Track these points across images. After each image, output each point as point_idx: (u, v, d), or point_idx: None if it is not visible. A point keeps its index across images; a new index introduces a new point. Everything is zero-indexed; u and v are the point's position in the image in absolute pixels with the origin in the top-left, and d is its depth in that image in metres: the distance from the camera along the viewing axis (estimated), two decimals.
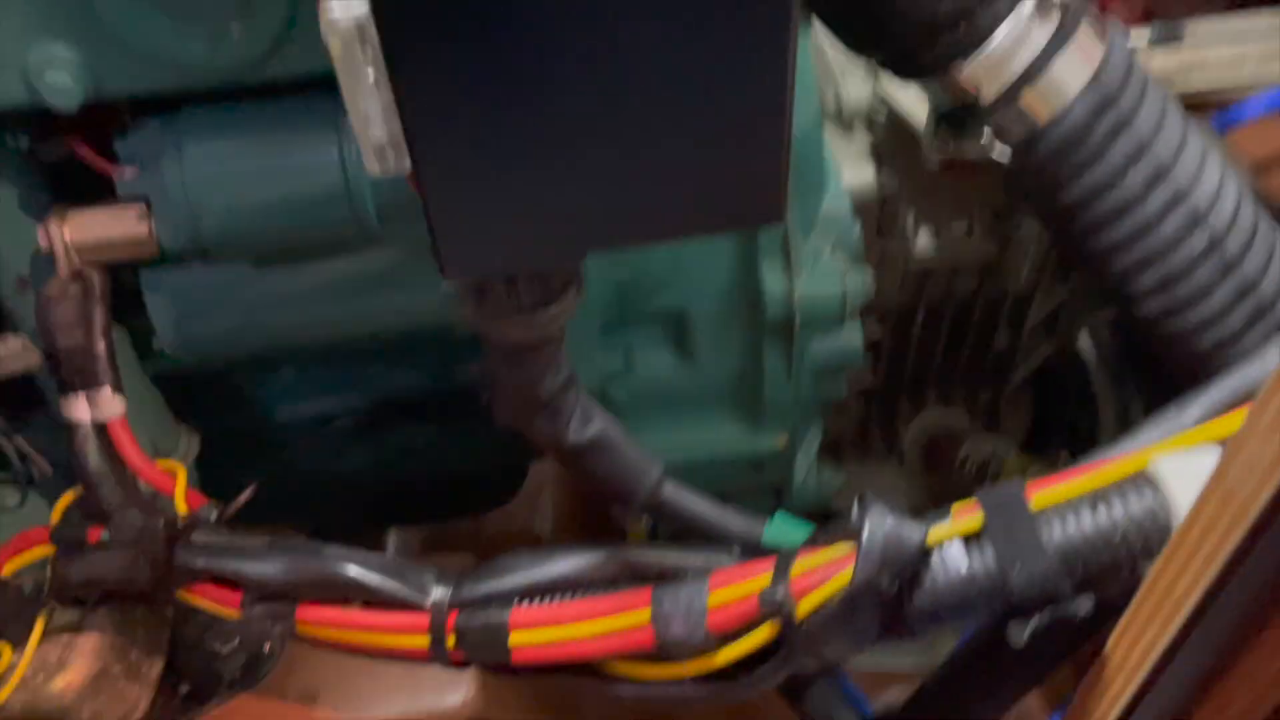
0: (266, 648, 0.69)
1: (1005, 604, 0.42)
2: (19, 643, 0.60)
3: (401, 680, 0.69)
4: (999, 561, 0.42)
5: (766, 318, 0.65)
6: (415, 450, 0.88)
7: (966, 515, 0.44)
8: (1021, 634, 0.41)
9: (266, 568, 0.52)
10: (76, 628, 0.63)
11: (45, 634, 0.62)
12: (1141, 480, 0.42)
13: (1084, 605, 0.41)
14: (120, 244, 0.57)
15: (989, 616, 0.43)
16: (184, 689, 0.68)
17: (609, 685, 0.51)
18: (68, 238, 0.56)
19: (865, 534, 0.43)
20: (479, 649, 0.51)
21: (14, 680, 0.58)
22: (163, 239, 0.58)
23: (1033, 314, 0.92)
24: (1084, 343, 1.11)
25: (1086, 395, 1.01)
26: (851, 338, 0.69)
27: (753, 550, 0.51)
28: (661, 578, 0.49)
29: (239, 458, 0.81)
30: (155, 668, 0.67)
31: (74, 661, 0.61)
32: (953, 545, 0.43)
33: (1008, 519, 0.42)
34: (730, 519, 0.54)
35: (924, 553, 0.43)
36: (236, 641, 0.69)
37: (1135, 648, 0.41)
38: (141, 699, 0.66)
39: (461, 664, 0.52)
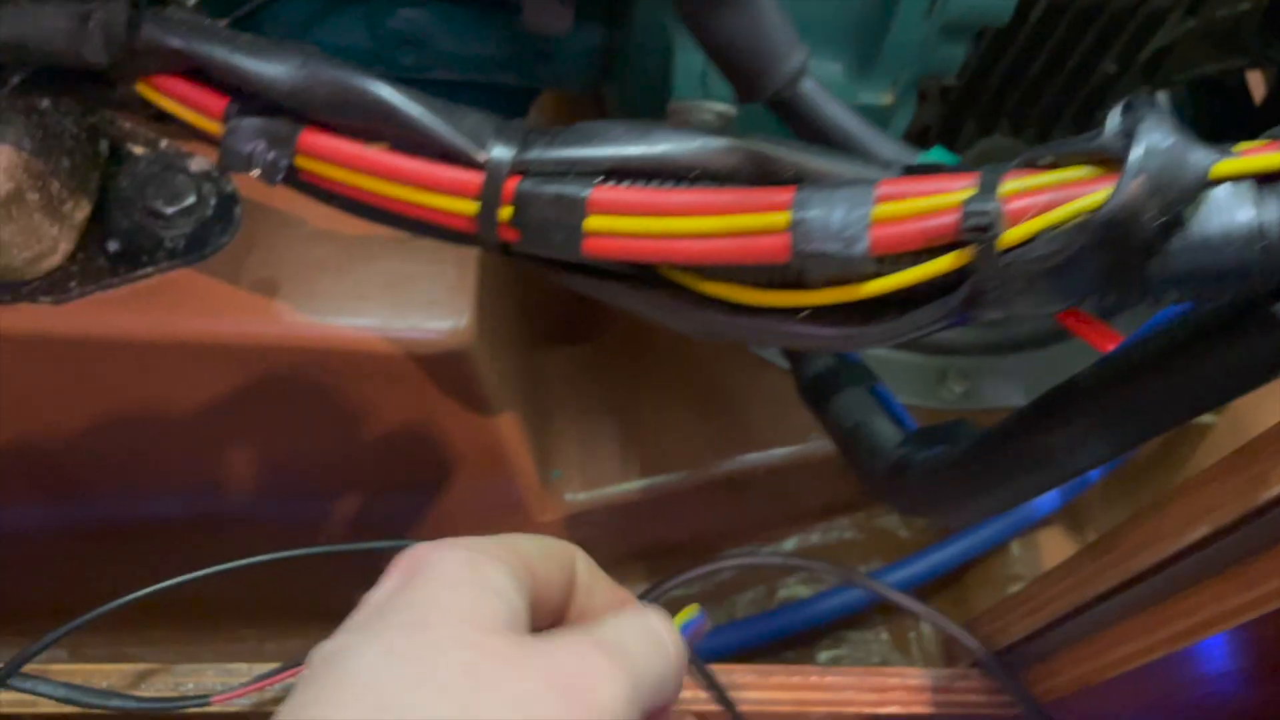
0: (218, 212, 0.56)
1: None
2: None
3: (385, 290, 0.57)
4: None
5: None
6: (419, 43, 0.72)
7: (1264, 151, 0.32)
8: None
9: (270, 66, 0.38)
10: None
11: None
12: None
13: None
14: None
15: (1247, 288, 0.33)
16: (113, 246, 0.55)
17: (693, 311, 0.40)
18: None
19: (1140, 148, 0.31)
20: (541, 230, 0.39)
21: None
22: None
23: (1152, 43, 0.80)
24: (1160, 100, 1.00)
25: None
26: None
27: None
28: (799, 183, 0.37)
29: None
30: (80, 211, 0.53)
31: None
32: (1237, 187, 0.32)
33: None
34: (879, 140, 0.42)
35: (1201, 188, 0.32)
36: (187, 203, 0.55)
37: None
38: (61, 242, 0.52)
39: (511, 248, 0.40)
